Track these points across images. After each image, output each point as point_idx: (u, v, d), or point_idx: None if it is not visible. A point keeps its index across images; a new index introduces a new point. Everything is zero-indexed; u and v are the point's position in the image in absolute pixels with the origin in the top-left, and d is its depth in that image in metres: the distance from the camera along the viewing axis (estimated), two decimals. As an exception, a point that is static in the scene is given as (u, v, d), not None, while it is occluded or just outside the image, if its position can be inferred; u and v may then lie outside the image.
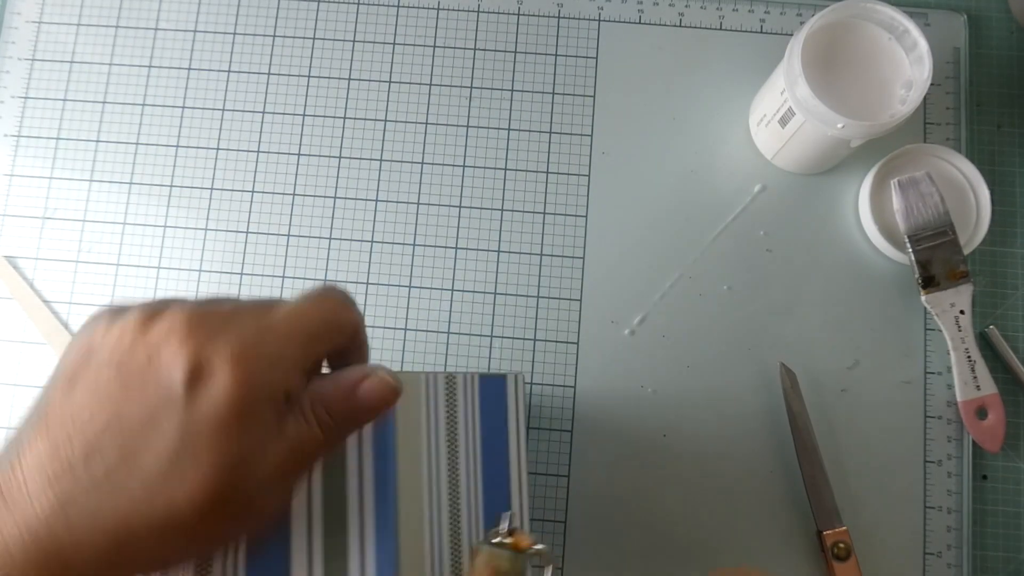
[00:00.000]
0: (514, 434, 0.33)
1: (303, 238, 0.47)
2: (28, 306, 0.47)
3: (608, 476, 0.44)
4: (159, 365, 0.25)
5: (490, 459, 0.32)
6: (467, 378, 0.33)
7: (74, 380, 0.25)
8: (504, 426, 0.33)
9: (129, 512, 0.24)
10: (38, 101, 0.49)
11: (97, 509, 0.24)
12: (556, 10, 0.50)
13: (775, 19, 0.49)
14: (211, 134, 0.49)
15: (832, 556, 0.41)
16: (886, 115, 0.41)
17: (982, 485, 0.44)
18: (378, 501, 0.30)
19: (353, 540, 0.30)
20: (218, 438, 0.24)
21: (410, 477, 0.31)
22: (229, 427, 0.25)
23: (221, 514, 0.25)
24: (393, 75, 0.49)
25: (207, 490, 0.24)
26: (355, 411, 0.28)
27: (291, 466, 0.27)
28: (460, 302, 0.46)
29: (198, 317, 0.26)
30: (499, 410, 0.33)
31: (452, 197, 0.48)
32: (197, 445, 0.24)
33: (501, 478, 0.33)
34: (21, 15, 0.50)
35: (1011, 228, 0.47)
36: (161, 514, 0.24)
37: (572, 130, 0.48)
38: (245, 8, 0.50)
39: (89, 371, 0.25)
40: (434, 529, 0.31)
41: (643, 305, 0.46)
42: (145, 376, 0.25)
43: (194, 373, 0.25)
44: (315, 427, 0.27)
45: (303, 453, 0.27)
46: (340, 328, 0.29)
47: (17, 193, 0.48)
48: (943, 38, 0.48)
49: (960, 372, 0.43)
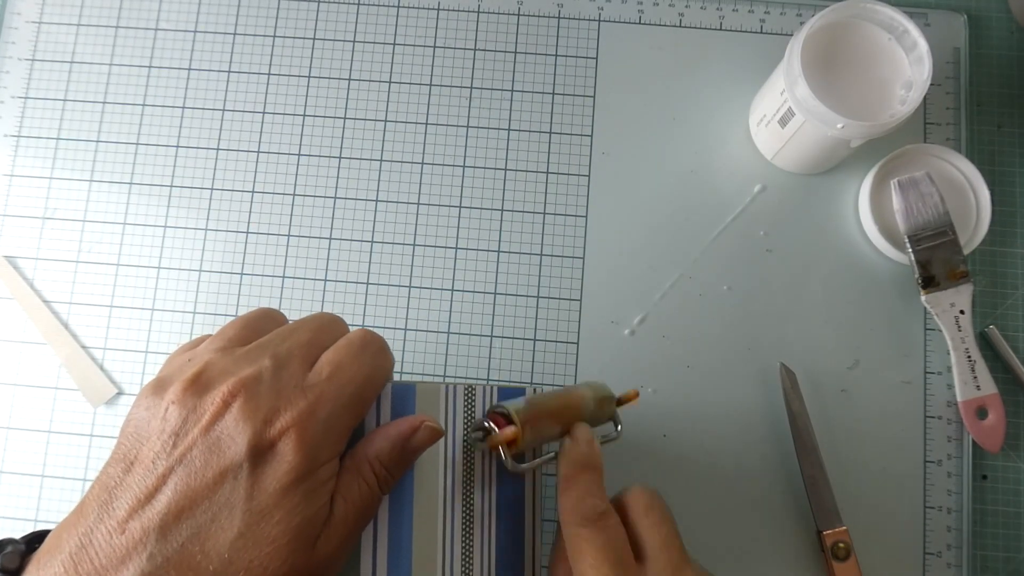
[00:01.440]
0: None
1: (303, 238, 0.47)
2: (28, 306, 0.47)
3: (608, 476, 0.44)
4: (221, 447, 0.25)
5: (505, 470, 0.32)
6: (486, 390, 0.33)
7: (132, 462, 0.26)
8: None
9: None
10: (38, 101, 0.49)
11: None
12: (556, 10, 0.50)
13: (775, 19, 0.49)
14: (211, 134, 0.49)
15: (832, 556, 0.41)
16: (886, 115, 0.41)
17: (982, 485, 0.44)
18: (392, 513, 0.30)
19: (366, 551, 0.30)
20: (281, 506, 0.25)
21: (426, 487, 0.31)
22: (293, 495, 0.25)
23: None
24: (393, 75, 0.49)
25: (278, 558, 0.25)
26: (408, 461, 0.30)
27: (356, 525, 0.28)
28: (460, 302, 0.46)
29: (250, 390, 0.26)
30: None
31: (452, 197, 0.48)
32: (263, 516, 0.25)
33: (516, 488, 0.33)
34: (21, 15, 0.50)
35: (1011, 228, 0.47)
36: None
37: (572, 130, 0.48)
38: (245, 8, 0.50)
39: (146, 454, 0.26)
40: (447, 539, 0.31)
41: (643, 305, 0.46)
42: (208, 459, 0.25)
43: (255, 451, 0.25)
44: (375, 485, 0.28)
45: (367, 511, 0.28)
46: (380, 381, 0.30)
47: (17, 193, 0.48)
48: (943, 38, 0.48)
49: (960, 372, 0.43)
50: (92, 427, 0.46)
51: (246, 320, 0.31)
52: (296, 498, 0.25)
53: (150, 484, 0.25)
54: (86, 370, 0.46)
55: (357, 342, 0.30)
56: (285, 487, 0.25)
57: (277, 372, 0.27)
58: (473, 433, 0.32)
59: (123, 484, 0.25)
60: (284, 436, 0.26)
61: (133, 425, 0.27)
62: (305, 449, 0.26)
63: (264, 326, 0.31)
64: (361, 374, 0.29)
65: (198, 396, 0.26)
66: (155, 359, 0.46)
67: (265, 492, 0.25)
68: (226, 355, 0.28)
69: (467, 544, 0.31)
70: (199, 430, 0.26)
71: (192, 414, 0.26)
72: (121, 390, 0.46)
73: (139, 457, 0.26)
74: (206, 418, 0.26)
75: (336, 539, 0.27)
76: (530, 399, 0.32)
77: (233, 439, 0.25)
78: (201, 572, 0.24)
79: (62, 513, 0.45)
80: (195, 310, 0.47)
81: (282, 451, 0.26)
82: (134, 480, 0.25)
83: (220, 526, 0.24)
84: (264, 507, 0.25)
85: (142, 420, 0.27)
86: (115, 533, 0.24)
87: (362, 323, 0.46)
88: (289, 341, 0.29)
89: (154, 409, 0.27)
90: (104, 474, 0.26)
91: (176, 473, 0.25)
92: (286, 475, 0.25)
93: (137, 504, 0.25)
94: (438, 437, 0.30)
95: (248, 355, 0.28)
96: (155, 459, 0.25)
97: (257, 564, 0.24)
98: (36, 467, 0.45)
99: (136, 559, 0.24)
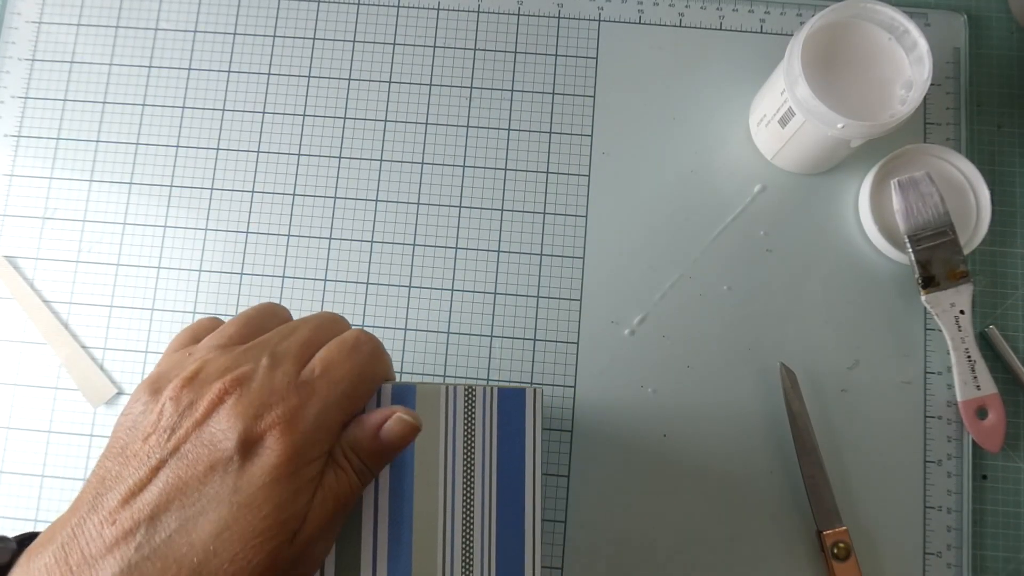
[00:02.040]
0: (530, 447, 0.33)
1: (303, 238, 0.47)
2: (28, 306, 0.47)
3: (608, 476, 0.44)
4: (213, 441, 0.26)
5: (505, 471, 0.32)
6: (487, 391, 0.33)
7: (127, 455, 0.26)
8: (521, 439, 0.33)
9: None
10: (38, 101, 0.49)
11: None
12: (556, 10, 0.50)
13: (775, 19, 0.49)
14: (211, 134, 0.49)
15: (832, 556, 0.41)
16: (886, 115, 0.41)
17: (982, 485, 0.44)
18: (393, 512, 0.31)
19: (366, 551, 0.30)
20: (269, 500, 0.25)
21: (426, 487, 0.31)
22: (280, 489, 0.26)
23: (276, 571, 0.26)
24: (393, 75, 0.49)
25: (262, 551, 0.25)
26: (382, 452, 0.29)
27: (334, 515, 0.28)
28: (460, 302, 0.46)
29: (244, 387, 0.27)
30: (517, 423, 0.33)
31: (452, 197, 0.48)
32: (250, 510, 0.25)
33: (516, 490, 0.33)
34: (21, 15, 0.50)
35: (1011, 228, 0.47)
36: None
37: (572, 130, 0.48)
38: (245, 8, 0.50)
39: (140, 447, 0.26)
40: (447, 539, 0.31)
41: (643, 305, 0.46)
42: (200, 452, 0.26)
43: (245, 445, 0.26)
44: (352, 475, 0.28)
45: (344, 501, 0.28)
46: (373, 382, 0.30)
47: (17, 193, 0.48)
48: (943, 38, 0.48)
49: (960, 372, 0.43)
50: (92, 427, 0.46)
51: (248, 317, 0.31)
52: (283, 493, 0.26)
53: (143, 475, 0.25)
54: (86, 370, 0.46)
55: (350, 341, 0.30)
56: (272, 481, 0.25)
57: (272, 370, 0.27)
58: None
59: (117, 476, 0.25)
60: (272, 431, 0.26)
61: (129, 420, 0.27)
62: (292, 445, 0.26)
63: (265, 323, 0.31)
64: (352, 372, 0.29)
65: (194, 392, 0.27)
66: (155, 359, 0.46)
67: (253, 486, 0.25)
68: (225, 353, 0.28)
69: (467, 541, 0.31)
70: (192, 424, 0.26)
71: (188, 409, 0.26)
72: (121, 390, 0.46)
73: (134, 450, 0.26)
74: (199, 413, 0.26)
75: (312, 528, 0.27)
76: None
77: (225, 434, 0.26)
78: (185, 564, 0.24)
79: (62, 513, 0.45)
80: (195, 310, 0.47)
81: (270, 445, 0.26)
82: (127, 472, 0.25)
83: (208, 518, 0.25)
84: (251, 501, 0.25)
85: (138, 415, 0.27)
86: (106, 523, 0.24)
87: (362, 323, 0.46)
88: (288, 340, 0.29)
89: (151, 404, 0.27)
90: (99, 467, 0.26)
91: (169, 465, 0.25)
92: (273, 469, 0.26)
93: (129, 495, 0.25)
94: (413, 431, 0.30)
95: (246, 353, 0.28)
96: (149, 452, 0.26)
97: (241, 556, 0.25)
98: (36, 467, 0.45)
99: (124, 548, 0.24)
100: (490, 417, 0.33)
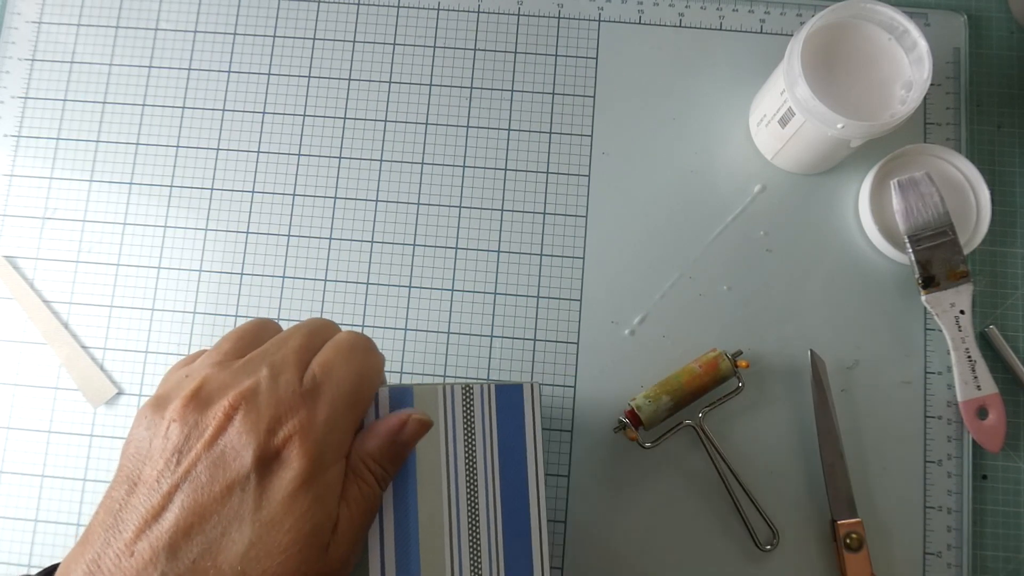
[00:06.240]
0: (531, 441, 0.33)
1: (303, 238, 0.47)
2: (28, 306, 0.47)
3: (608, 476, 0.44)
4: (226, 460, 0.25)
5: (508, 467, 0.32)
6: (484, 388, 0.33)
7: (136, 483, 0.26)
8: (521, 434, 0.33)
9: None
10: (38, 101, 0.49)
11: None
12: (556, 10, 0.50)
13: (775, 19, 0.49)
14: (211, 134, 0.49)
15: (844, 546, 0.41)
16: (886, 115, 0.41)
17: (982, 485, 0.44)
18: (398, 514, 0.31)
19: (373, 555, 0.30)
20: (292, 512, 0.25)
21: (430, 488, 0.31)
22: (302, 500, 0.25)
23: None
24: (393, 75, 0.49)
25: (292, 564, 0.25)
26: (400, 455, 0.30)
27: (360, 524, 0.28)
28: (460, 302, 0.46)
29: (250, 402, 0.26)
30: (516, 419, 0.33)
31: (452, 197, 0.48)
32: (274, 525, 0.25)
33: (520, 485, 0.33)
34: (21, 15, 0.50)
35: (1011, 228, 0.47)
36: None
37: (572, 130, 0.48)
38: (245, 8, 0.50)
39: (150, 473, 0.26)
40: (454, 540, 0.31)
41: (643, 305, 0.46)
42: (214, 473, 0.25)
43: (261, 461, 0.25)
44: (373, 483, 0.29)
45: (369, 508, 0.28)
46: (374, 379, 0.30)
47: (17, 193, 0.48)
48: (943, 38, 0.48)
49: (960, 372, 0.43)
50: (92, 427, 0.46)
51: (241, 332, 0.31)
52: (305, 504, 0.25)
53: (155, 503, 0.25)
54: (86, 370, 0.46)
55: (345, 342, 0.30)
56: (293, 494, 0.25)
57: (274, 381, 0.27)
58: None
59: (128, 506, 0.25)
60: (288, 443, 0.26)
61: (134, 445, 0.26)
62: (310, 453, 0.26)
63: (258, 337, 0.31)
64: (353, 372, 0.29)
65: (199, 412, 0.26)
66: (155, 359, 0.46)
67: (274, 501, 0.25)
68: (223, 369, 0.28)
69: (474, 538, 0.32)
70: (202, 445, 0.25)
71: (194, 430, 0.26)
72: (121, 390, 0.46)
73: (142, 477, 0.25)
74: (209, 433, 0.26)
75: (346, 543, 0.27)
76: (647, 394, 0.42)
77: (238, 452, 0.25)
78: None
79: (62, 513, 0.45)
80: (195, 310, 0.47)
81: (287, 458, 0.26)
82: (139, 501, 0.25)
83: (231, 539, 0.24)
84: (274, 516, 0.25)
85: (143, 440, 0.26)
86: (123, 556, 0.24)
87: (362, 323, 0.46)
88: (283, 349, 0.29)
89: (155, 428, 0.26)
90: (107, 498, 0.26)
91: (182, 490, 0.25)
92: (293, 481, 0.25)
93: (144, 524, 0.24)
94: (428, 427, 0.30)
95: (245, 367, 0.28)
96: (159, 478, 0.25)
97: (271, 574, 0.24)
98: (36, 467, 0.45)
99: (153, 570, 0.23)
100: (489, 414, 0.33)
